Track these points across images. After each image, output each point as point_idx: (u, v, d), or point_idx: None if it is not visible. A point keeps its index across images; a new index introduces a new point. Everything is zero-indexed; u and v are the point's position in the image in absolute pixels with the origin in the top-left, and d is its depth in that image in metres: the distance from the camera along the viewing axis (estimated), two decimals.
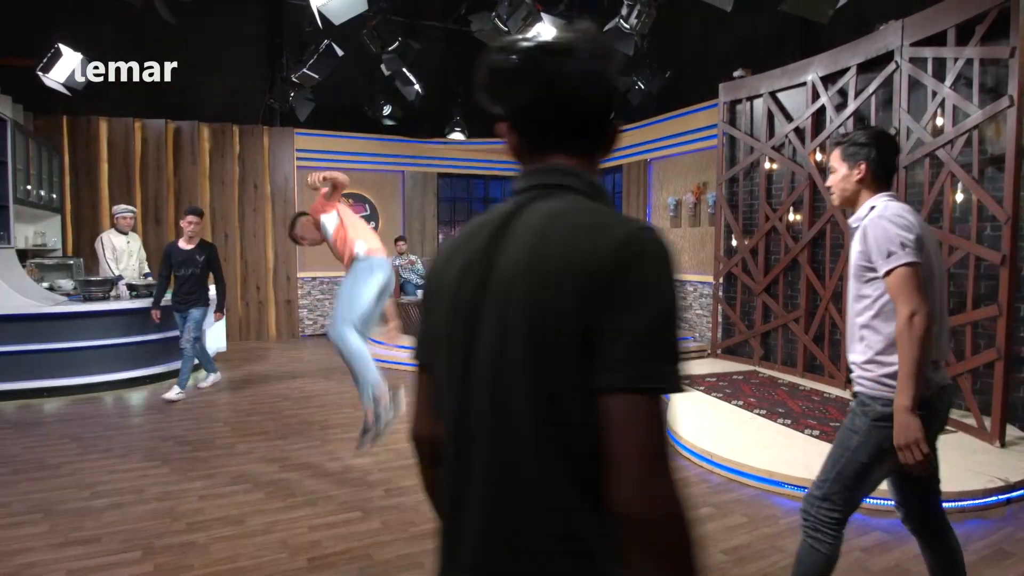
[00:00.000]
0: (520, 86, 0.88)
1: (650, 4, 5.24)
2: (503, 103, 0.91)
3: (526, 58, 0.87)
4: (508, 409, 0.80)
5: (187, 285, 5.55)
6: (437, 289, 0.92)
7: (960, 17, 4.17)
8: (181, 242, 5.62)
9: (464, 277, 0.87)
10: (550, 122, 0.89)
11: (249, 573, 2.66)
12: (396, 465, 3.94)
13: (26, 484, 3.63)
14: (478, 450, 0.83)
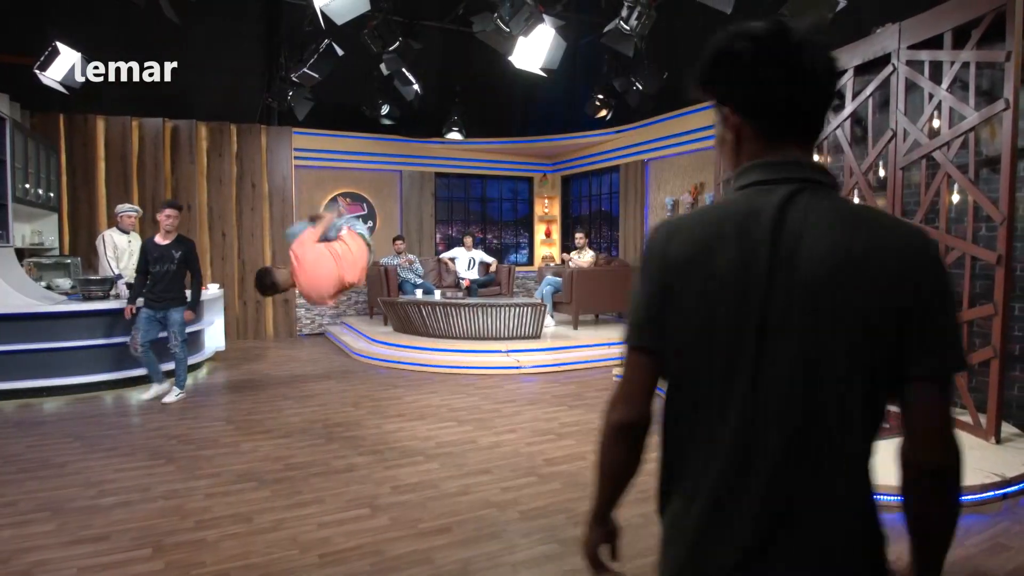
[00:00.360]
0: (775, 73, 0.90)
1: (649, 6, 5.28)
2: (738, 90, 0.93)
3: (786, 45, 0.90)
4: (821, 390, 0.86)
5: (163, 283, 5.31)
6: (697, 278, 0.91)
7: (957, 21, 4.24)
8: (157, 237, 5.37)
9: (747, 266, 0.88)
10: (800, 112, 0.92)
11: (261, 570, 2.69)
12: (400, 463, 3.96)
13: (32, 483, 3.63)
14: (773, 430, 0.88)
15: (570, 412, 5.16)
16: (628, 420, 1.00)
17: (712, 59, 0.95)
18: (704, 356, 0.92)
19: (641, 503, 3.32)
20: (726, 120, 0.97)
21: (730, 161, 1.00)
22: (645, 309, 0.97)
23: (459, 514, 3.22)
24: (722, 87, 0.96)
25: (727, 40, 0.93)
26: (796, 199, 0.89)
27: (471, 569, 2.69)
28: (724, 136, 0.99)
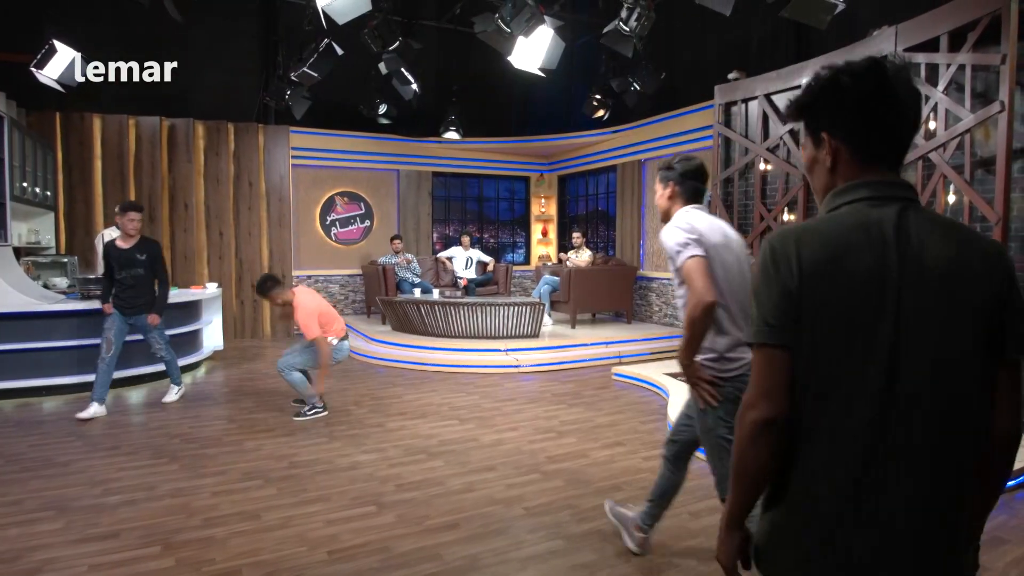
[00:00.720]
0: (876, 105, 1.04)
1: (649, 7, 5.33)
2: (841, 118, 1.07)
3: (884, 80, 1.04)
4: (955, 377, 1.00)
5: (132, 289, 5.05)
6: (833, 280, 1.02)
7: (952, 24, 4.31)
8: (119, 241, 5.08)
9: (881, 269, 1.01)
10: (895, 138, 1.08)
11: (271, 566, 2.71)
12: (404, 461, 3.99)
13: (36, 482, 3.64)
14: (915, 418, 0.99)
15: (570, 410, 5.20)
16: (770, 416, 1.04)
17: (818, 91, 1.09)
18: (839, 350, 1.01)
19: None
20: (822, 143, 1.10)
21: (823, 179, 1.13)
22: (779, 309, 1.04)
23: (465, 511, 3.26)
24: (825, 115, 1.09)
25: (832, 75, 1.07)
26: (905, 213, 1.05)
27: (479, 565, 2.72)
28: (818, 157, 1.13)
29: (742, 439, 1.07)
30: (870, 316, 1.00)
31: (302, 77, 6.40)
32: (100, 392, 4.97)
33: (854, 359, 1.00)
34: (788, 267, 1.03)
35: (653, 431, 4.64)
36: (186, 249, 8.40)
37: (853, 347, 1.00)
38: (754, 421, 1.05)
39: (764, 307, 1.06)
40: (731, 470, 1.11)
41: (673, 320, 8.14)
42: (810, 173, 1.17)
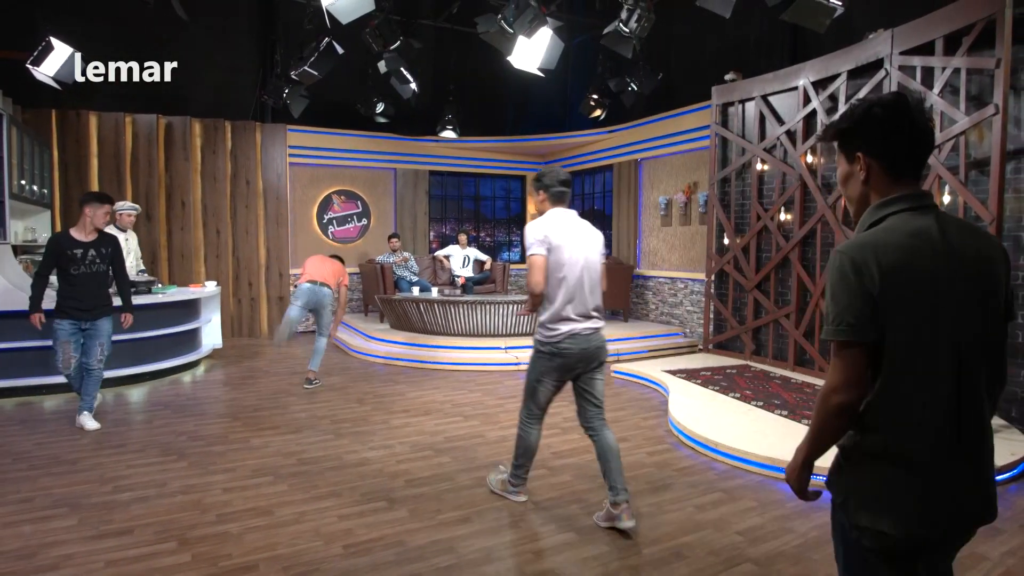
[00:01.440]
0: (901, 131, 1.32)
1: (649, 8, 5.39)
2: (875, 141, 1.34)
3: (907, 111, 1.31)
4: (993, 339, 1.31)
5: (89, 287, 4.48)
6: (911, 280, 1.26)
7: (948, 28, 4.40)
8: (76, 233, 4.47)
9: (943, 268, 1.27)
10: (916, 157, 1.35)
11: (287, 560, 2.75)
12: (412, 457, 4.03)
13: (46, 479, 3.64)
14: (978, 372, 1.29)
15: (572, 407, 5.19)
16: (852, 401, 1.30)
17: (856, 118, 1.35)
18: (921, 334, 1.26)
19: (654, 492, 3.43)
20: (857, 160, 1.37)
21: (857, 189, 1.40)
22: (861, 310, 1.26)
23: (476, 505, 3.31)
24: (860, 138, 1.36)
25: (867, 106, 1.34)
26: (940, 219, 1.32)
27: (495, 557, 2.78)
28: (852, 171, 1.39)
29: (827, 416, 1.32)
30: (938, 303, 1.26)
31: (303, 76, 6.41)
32: (91, 400, 4.63)
33: (933, 338, 1.26)
34: (870, 274, 1.26)
35: (655, 427, 4.72)
36: (183, 247, 8.38)
37: (931, 330, 1.26)
38: (839, 404, 1.29)
39: (845, 309, 1.27)
40: (811, 434, 1.38)
41: (670, 318, 8.22)
42: (844, 184, 1.43)
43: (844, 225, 5.47)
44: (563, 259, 3.01)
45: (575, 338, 3.06)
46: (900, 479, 1.30)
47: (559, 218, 3.08)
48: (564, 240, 3.02)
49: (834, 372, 1.30)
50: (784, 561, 2.76)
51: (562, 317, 3.03)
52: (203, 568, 2.68)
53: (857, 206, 1.40)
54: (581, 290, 3.07)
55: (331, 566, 2.69)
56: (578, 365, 3.14)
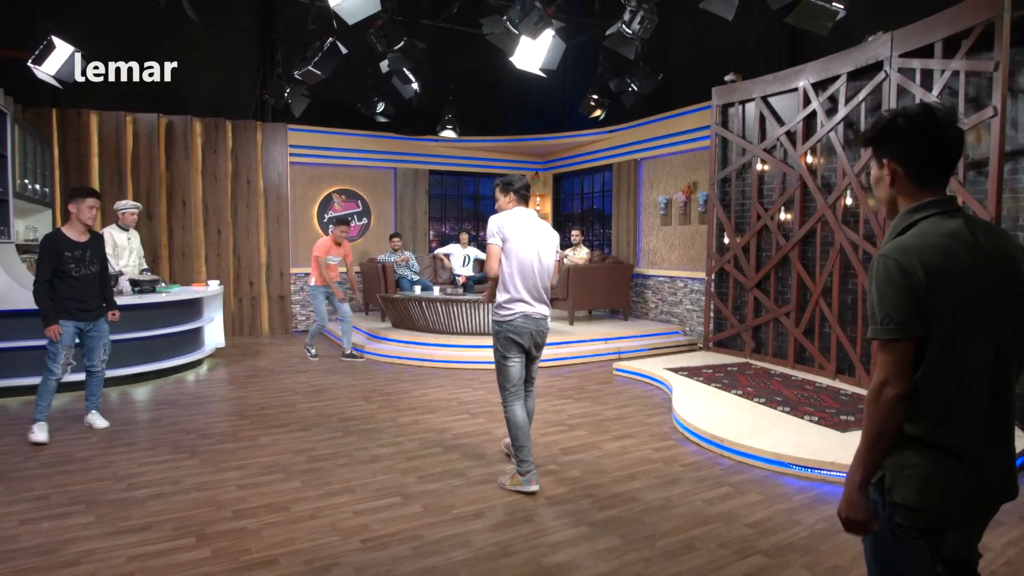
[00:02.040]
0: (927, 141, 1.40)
1: (652, 11, 5.45)
2: (901, 150, 1.43)
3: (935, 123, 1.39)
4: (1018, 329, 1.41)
5: (91, 288, 4.45)
6: (955, 279, 1.35)
7: (947, 32, 4.49)
8: (69, 232, 4.38)
9: (982, 266, 1.38)
10: (943, 165, 1.44)
11: (307, 555, 2.79)
12: (421, 454, 4.08)
13: (59, 477, 3.67)
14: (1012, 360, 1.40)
15: (576, 405, 5.32)
16: (904, 393, 1.37)
17: (881, 128, 1.45)
18: (965, 328, 1.35)
19: (662, 487, 3.50)
20: (884, 166, 1.47)
21: (884, 193, 1.51)
22: (908, 309, 1.35)
23: (488, 500, 3.36)
24: (885, 146, 1.46)
25: (892, 117, 1.44)
26: (968, 221, 1.43)
27: (511, 550, 2.83)
28: (880, 176, 1.49)
29: (882, 413, 1.37)
30: (977, 300, 1.36)
31: (306, 76, 6.44)
32: (46, 410, 4.40)
33: (973, 333, 1.36)
34: (916, 275, 1.35)
35: (661, 423, 4.79)
36: (184, 247, 8.38)
37: (971, 325, 1.36)
38: (893, 396, 1.36)
39: (893, 308, 1.36)
40: (867, 442, 1.40)
41: (669, 317, 8.30)
42: (875, 187, 1.54)
43: (844, 225, 5.55)
44: (516, 249, 3.48)
45: (527, 318, 3.51)
46: (935, 461, 1.39)
47: (518, 215, 3.55)
48: (517, 233, 3.49)
49: (883, 368, 1.38)
50: (793, 552, 2.83)
51: (516, 299, 3.49)
52: (224, 563, 2.72)
53: (887, 207, 1.52)
54: (533, 278, 3.52)
55: (351, 560, 2.74)
56: (527, 342, 3.53)
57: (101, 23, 7.89)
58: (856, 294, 5.51)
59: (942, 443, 1.39)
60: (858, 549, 2.82)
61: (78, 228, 4.42)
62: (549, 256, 3.63)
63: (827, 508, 3.30)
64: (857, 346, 5.46)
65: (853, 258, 5.43)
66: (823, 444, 3.94)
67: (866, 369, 5.36)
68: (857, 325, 5.47)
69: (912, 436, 1.41)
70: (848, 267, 5.58)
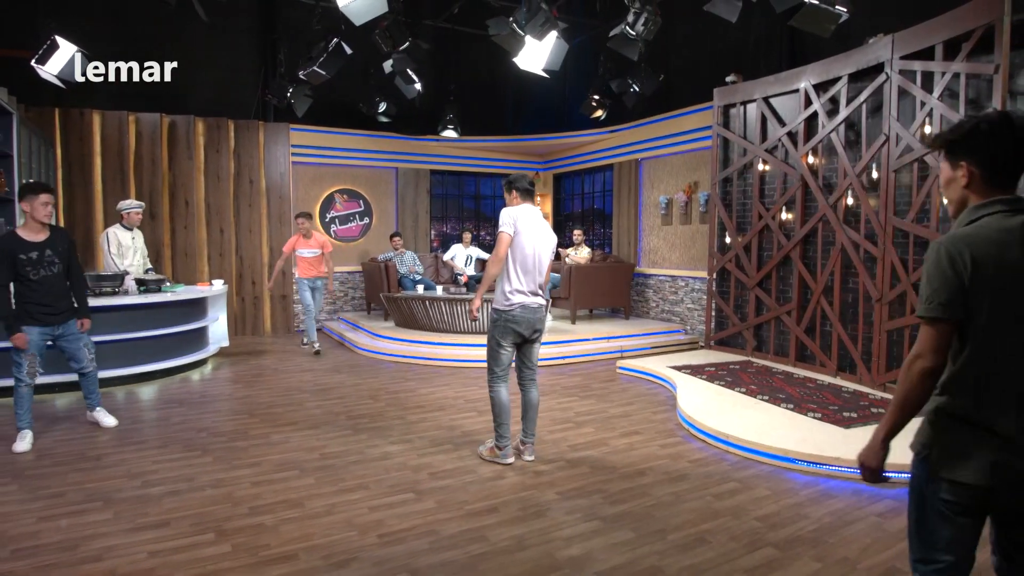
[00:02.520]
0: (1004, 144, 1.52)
1: (656, 13, 5.51)
2: (979, 152, 1.54)
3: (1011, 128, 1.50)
4: None
5: (55, 290, 4.20)
6: (997, 269, 1.46)
7: (948, 35, 4.56)
8: (24, 233, 4.10)
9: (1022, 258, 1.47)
10: (1016, 167, 1.54)
11: (325, 550, 2.84)
12: (432, 451, 4.13)
13: (74, 475, 3.70)
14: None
15: (582, 402, 5.38)
16: (935, 366, 1.52)
17: (964, 132, 1.56)
18: (1001, 320, 1.47)
19: (671, 482, 3.56)
20: (960, 168, 1.57)
21: (957, 193, 1.60)
22: (951, 293, 1.48)
23: (500, 496, 3.41)
24: (965, 150, 1.56)
25: (975, 123, 1.54)
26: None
27: (525, 544, 2.88)
28: (955, 177, 1.59)
29: (911, 381, 1.53)
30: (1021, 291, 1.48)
31: (311, 76, 6.47)
32: (28, 418, 4.25)
33: (1014, 321, 1.47)
34: (963, 262, 1.48)
35: (666, 420, 4.85)
36: (187, 246, 8.40)
37: (1012, 314, 1.47)
38: (923, 369, 1.51)
39: (938, 292, 1.50)
40: (895, 404, 1.56)
41: (670, 316, 8.37)
42: (946, 188, 1.64)
43: (845, 224, 5.63)
44: (523, 242, 3.74)
45: (526, 308, 3.77)
46: (978, 438, 1.50)
47: (527, 210, 3.83)
48: (526, 227, 3.76)
49: (920, 342, 1.53)
50: (802, 545, 2.90)
51: (518, 291, 3.74)
52: (244, 558, 2.76)
53: (956, 207, 1.62)
54: (533, 271, 3.79)
55: (369, 555, 2.79)
56: (525, 331, 3.80)
57: (101, 23, 7.90)
58: (857, 293, 5.59)
59: (981, 422, 1.50)
60: (865, 542, 2.90)
61: (33, 227, 4.13)
62: (547, 255, 3.90)
63: (833, 502, 3.36)
64: (858, 344, 5.53)
65: (854, 257, 5.50)
66: (827, 440, 4.01)
67: (867, 367, 5.44)
68: (858, 323, 5.55)
69: (954, 414, 1.53)
70: (849, 266, 5.66)
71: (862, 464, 1.64)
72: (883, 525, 3.09)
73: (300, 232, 7.43)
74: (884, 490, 3.47)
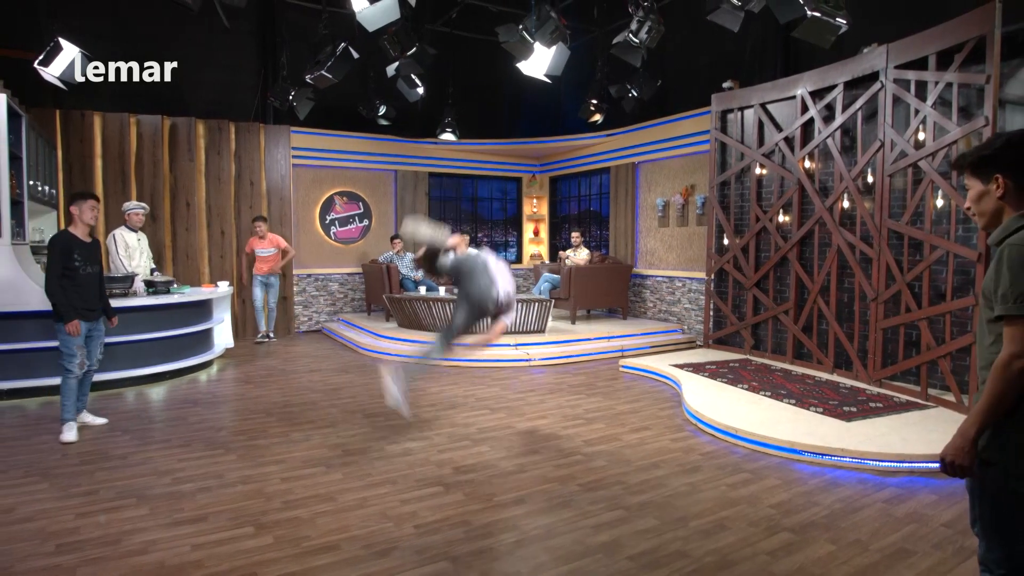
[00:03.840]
0: None
1: (659, 20, 5.68)
2: (1014, 168, 1.66)
3: None
4: None
5: (92, 288, 4.55)
6: None
7: (941, 45, 4.78)
8: (76, 231, 4.52)
9: None
10: None
11: (365, 540, 2.94)
12: (452, 447, 4.24)
13: (101, 473, 3.76)
14: None
15: (590, 400, 5.53)
16: None
17: (999, 148, 1.69)
18: None
19: (686, 474, 3.72)
20: (994, 181, 1.69)
21: (991, 205, 1.71)
22: None
23: (525, 488, 3.54)
24: (1001, 164, 1.68)
25: (1007, 139, 1.69)
26: None
27: (556, 532, 3.02)
28: (988, 190, 1.70)
29: (1008, 381, 1.59)
30: None
31: (318, 80, 6.56)
32: (73, 411, 4.48)
33: None
34: None
35: (673, 416, 5.01)
36: (188, 248, 8.42)
37: None
38: (1022, 368, 1.57)
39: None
40: (989, 403, 1.61)
41: (668, 316, 8.55)
42: (976, 202, 1.75)
43: (841, 226, 5.84)
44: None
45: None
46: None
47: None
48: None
49: (1015, 341, 1.59)
50: (816, 529, 3.06)
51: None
52: (287, 549, 2.86)
53: (989, 218, 1.74)
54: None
55: (408, 544, 2.90)
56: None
57: (101, 23, 7.92)
58: (852, 292, 5.80)
59: None
60: (875, 526, 3.08)
61: (82, 229, 4.54)
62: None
63: (842, 490, 3.54)
64: (854, 341, 5.75)
65: (850, 258, 5.71)
66: (832, 432, 4.19)
67: (863, 363, 5.65)
68: (854, 322, 5.76)
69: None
70: (845, 266, 5.87)
71: (951, 462, 1.69)
72: (890, 511, 3.27)
73: (257, 234, 8.23)
74: (887, 479, 3.66)
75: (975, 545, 2.91)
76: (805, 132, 6.23)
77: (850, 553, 2.84)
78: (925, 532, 3.04)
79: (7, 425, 4.75)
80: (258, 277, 8.22)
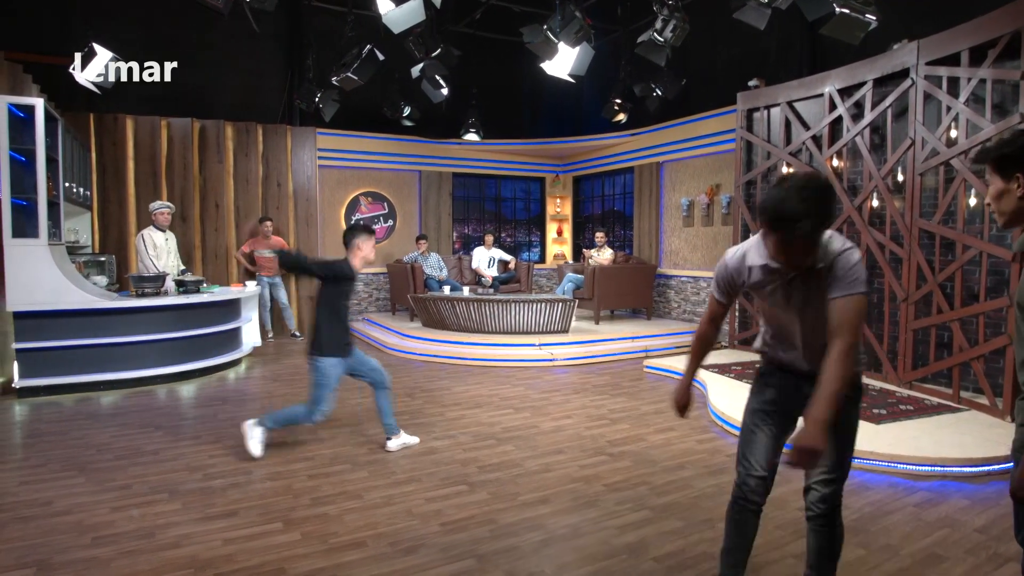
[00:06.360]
0: None
1: (683, 19, 5.65)
2: None
3: None
4: None
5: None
6: None
7: (974, 41, 4.68)
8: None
9: None
10: None
11: (391, 537, 2.98)
12: (477, 446, 4.27)
13: (134, 468, 3.86)
14: None
15: (614, 400, 5.51)
16: None
17: (1020, 146, 1.60)
18: None
19: (712, 475, 3.69)
20: (1016, 180, 1.63)
21: (1012, 203, 1.66)
22: None
23: (550, 488, 3.55)
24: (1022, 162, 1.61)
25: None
26: None
27: (582, 532, 3.02)
28: (1008, 188, 1.65)
29: None
30: None
31: (344, 82, 6.64)
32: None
33: None
34: None
35: (699, 417, 4.98)
36: (217, 248, 8.59)
37: None
38: None
39: None
40: None
41: (693, 316, 8.49)
42: (997, 200, 1.68)
43: (870, 226, 5.74)
44: None
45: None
46: None
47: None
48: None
49: None
50: (846, 533, 3.00)
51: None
52: (315, 545, 2.91)
53: (1010, 217, 1.68)
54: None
55: (435, 541, 2.93)
56: None
57: (128, 26, 8.08)
58: (882, 293, 5.70)
59: None
60: (905, 530, 3.03)
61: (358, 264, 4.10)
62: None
63: (871, 493, 3.49)
64: (884, 343, 5.64)
65: (880, 258, 5.61)
66: (861, 434, 4.08)
67: (893, 365, 5.55)
68: (884, 323, 5.66)
69: None
70: (874, 266, 5.77)
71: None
72: (921, 515, 3.21)
73: (264, 234, 8.37)
74: (918, 483, 3.60)
75: (1010, 551, 2.86)
76: (833, 130, 6.13)
77: (880, 558, 2.80)
78: (957, 537, 2.98)
79: (45, 420, 4.89)
80: (264, 279, 8.26)
